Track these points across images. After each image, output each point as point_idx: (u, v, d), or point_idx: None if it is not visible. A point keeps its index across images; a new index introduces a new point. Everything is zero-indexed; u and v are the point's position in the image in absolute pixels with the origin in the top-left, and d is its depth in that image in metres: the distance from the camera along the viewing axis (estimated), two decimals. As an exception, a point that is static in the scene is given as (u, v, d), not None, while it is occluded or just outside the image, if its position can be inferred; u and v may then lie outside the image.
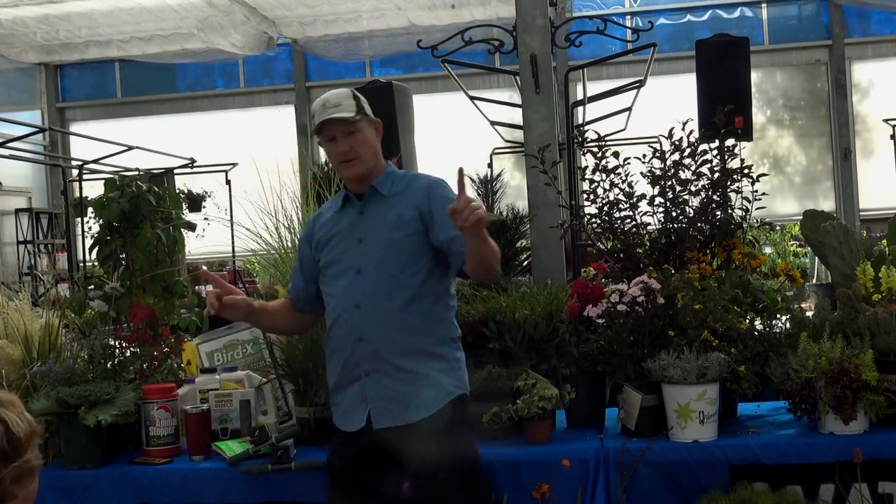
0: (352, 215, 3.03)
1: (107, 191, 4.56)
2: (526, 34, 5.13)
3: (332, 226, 3.06)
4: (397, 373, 2.89)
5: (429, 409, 2.88)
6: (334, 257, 3.01)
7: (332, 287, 3.02)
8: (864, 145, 12.57)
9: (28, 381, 3.49)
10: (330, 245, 3.04)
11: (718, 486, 3.06)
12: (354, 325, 2.93)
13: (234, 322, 4.05)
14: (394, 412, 2.90)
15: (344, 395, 2.99)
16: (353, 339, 2.93)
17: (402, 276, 2.91)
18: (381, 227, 2.97)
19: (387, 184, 3.03)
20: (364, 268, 2.94)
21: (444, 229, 2.87)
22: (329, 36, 12.74)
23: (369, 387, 2.92)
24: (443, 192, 2.97)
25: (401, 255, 2.92)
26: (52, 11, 11.56)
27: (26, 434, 1.79)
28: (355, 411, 2.95)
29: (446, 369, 2.95)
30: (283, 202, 3.90)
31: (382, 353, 2.90)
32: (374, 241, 2.96)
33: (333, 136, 2.99)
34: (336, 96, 3.03)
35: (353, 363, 2.95)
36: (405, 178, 3.06)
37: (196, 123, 13.73)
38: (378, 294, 2.91)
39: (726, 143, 3.88)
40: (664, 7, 12.74)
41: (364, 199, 3.03)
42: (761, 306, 3.56)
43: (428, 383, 2.90)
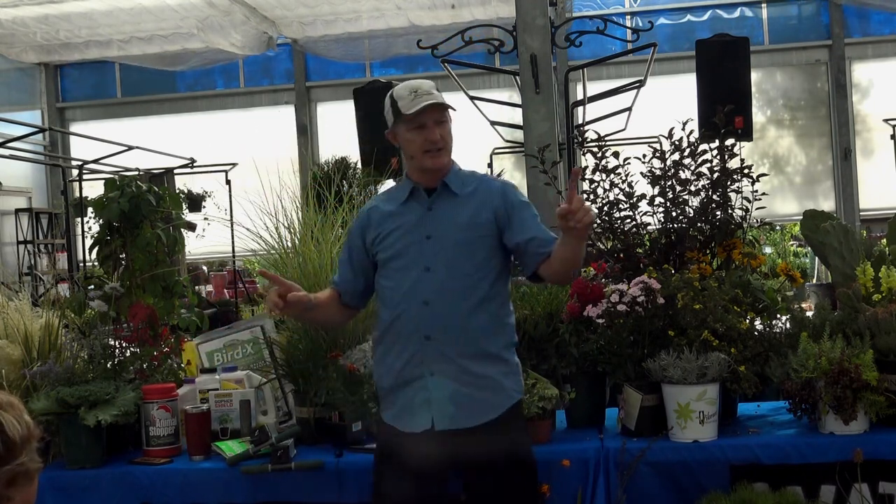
0: (418, 210, 2.95)
1: (107, 191, 4.56)
2: (526, 34, 5.13)
3: (394, 219, 2.97)
4: (463, 375, 2.84)
5: (493, 412, 2.85)
6: (397, 252, 2.93)
7: (394, 282, 2.93)
8: (864, 145, 12.57)
9: (28, 381, 3.49)
10: (391, 238, 2.95)
11: (718, 486, 3.06)
12: (422, 322, 2.85)
13: (235, 323, 4.06)
14: (458, 415, 2.84)
15: (403, 394, 2.90)
16: (418, 336, 2.86)
17: (474, 277, 2.86)
18: (452, 225, 2.90)
19: (457, 182, 2.97)
20: (433, 265, 2.87)
21: (522, 231, 2.87)
22: (329, 36, 12.73)
23: (434, 387, 2.85)
24: (517, 195, 2.96)
25: (474, 255, 2.88)
26: (52, 11, 11.55)
27: (22, 437, 1.77)
28: (417, 411, 2.87)
29: (509, 373, 2.91)
30: (283, 202, 3.91)
31: (450, 354, 2.84)
32: (443, 238, 2.89)
33: (424, 124, 2.89)
34: (427, 84, 2.94)
35: (416, 361, 2.87)
36: (474, 178, 3.01)
37: (196, 123, 13.72)
38: (449, 293, 2.85)
39: (726, 143, 3.89)
40: (664, 7, 12.74)
41: (434, 195, 2.96)
42: (761, 306, 3.56)
43: (493, 387, 2.85)
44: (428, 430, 2.85)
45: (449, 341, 2.84)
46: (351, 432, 3.37)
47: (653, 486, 3.13)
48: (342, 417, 3.37)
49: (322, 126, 13.63)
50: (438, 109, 2.89)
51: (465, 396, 2.83)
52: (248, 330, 3.95)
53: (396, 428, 2.92)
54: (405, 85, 2.95)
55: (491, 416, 2.84)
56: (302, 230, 3.88)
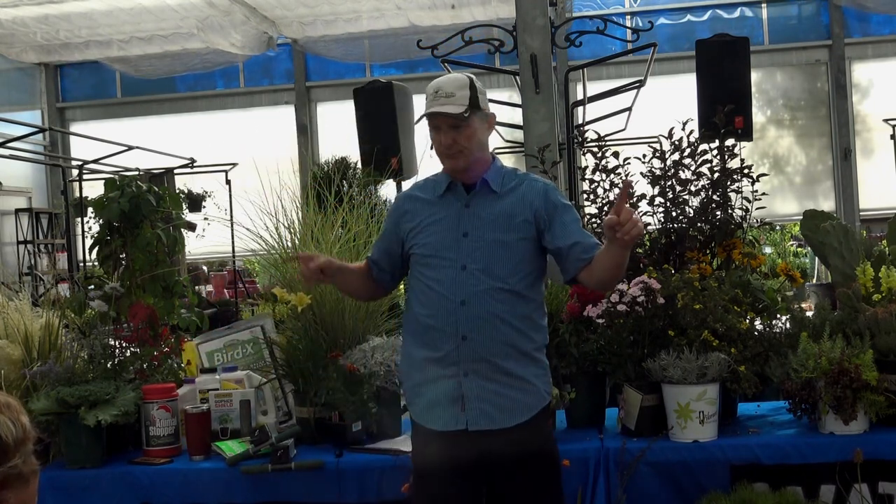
0: (456, 206, 2.91)
1: (107, 191, 4.55)
2: (526, 34, 5.13)
3: (431, 213, 2.94)
4: (498, 375, 2.82)
5: (526, 413, 2.84)
6: (434, 248, 2.90)
7: (429, 279, 2.89)
8: (864, 145, 12.57)
9: (28, 381, 3.49)
10: (428, 233, 2.92)
11: (718, 486, 3.06)
12: (458, 322, 2.82)
13: (235, 323, 4.06)
14: (492, 415, 2.82)
15: (432, 390, 2.86)
16: (455, 336, 2.82)
17: (511, 279, 2.83)
18: (490, 224, 2.87)
19: (497, 179, 2.93)
20: (470, 265, 2.84)
21: (564, 235, 2.84)
22: (329, 36, 12.73)
23: (468, 387, 2.82)
24: (560, 197, 2.93)
25: (512, 256, 2.84)
26: (52, 11, 11.55)
27: (16, 439, 1.75)
28: (447, 410, 2.84)
29: (541, 374, 2.90)
30: (283, 202, 3.91)
31: (485, 355, 2.82)
32: (481, 237, 2.86)
33: (437, 126, 2.88)
34: (450, 84, 2.88)
35: (450, 360, 2.84)
36: (515, 177, 2.96)
37: (196, 123, 13.72)
38: (484, 294, 2.82)
39: (726, 143, 3.89)
40: (664, 7, 12.73)
41: (472, 192, 2.92)
42: (761, 306, 3.56)
43: (527, 388, 2.84)
44: (462, 430, 2.83)
45: (485, 342, 2.82)
46: (351, 432, 3.37)
47: (653, 486, 3.13)
48: (342, 417, 3.37)
49: (322, 126, 13.63)
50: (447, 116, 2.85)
51: (500, 397, 2.82)
52: (248, 330, 3.95)
53: (426, 427, 2.89)
54: (434, 83, 2.91)
55: (525, 416, 2.83)
56: (302, 230, 3.88)
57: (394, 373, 3.47)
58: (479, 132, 2.92)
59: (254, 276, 12.69)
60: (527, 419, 2.83)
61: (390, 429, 3.50)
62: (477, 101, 2.89)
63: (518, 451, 2.81)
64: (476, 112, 2.89)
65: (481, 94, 2.92)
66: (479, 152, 2.92)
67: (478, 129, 2.91)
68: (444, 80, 2.91)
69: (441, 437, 2.85)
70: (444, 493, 2.85)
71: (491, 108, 3.03)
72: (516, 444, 2.81)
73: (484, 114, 2.94)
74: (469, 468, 2.84)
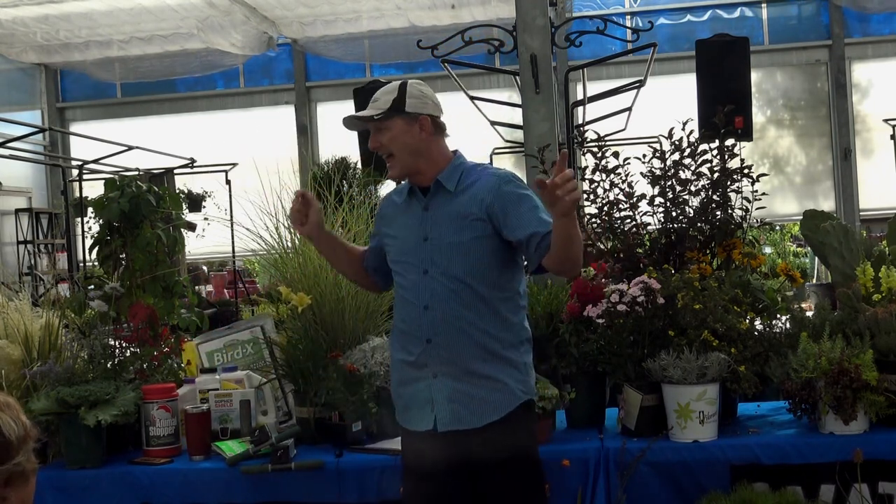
0: (417, 210, 2.92)
1: (107, 191, 4.56)
2: (526, 34, 5.13)
3: (398, 217, 2.97)
4: (466, 376, 2.81)
5: (496, 413, 2.82)
6: (400, 252, 2.93)
7: (400, 284, 2.94)
8: (864, 145, 12.57)
9: (28, 381, 3.49)
10: (395, 237, 2.96)
11: (718, 486, 3.06)
12: (423, 326, 2.84)
13: (235, 323, 4.06)
14: (461, 416, 2.82)
15: (406, 392, 2.91)
16: (421, 340, 2.85)
17: (469, 280, 2.81)
18: (446, 226, 2.86)
19: (453, 178, 2.89)
20: (430, 269, 2.84)
21: (519, 227, 2.78)
22: (329, 36, 12.73)
23: (437, 389, 2.84)
24: (514, 188, 2.84)
25: (468, 257, 2.82)
26: (52, 11, 11.55)
27: (18, 437, 1.77)
28: (420, 411, 2.87)
29: (514, 373, 2.86)
30: (283, 202, 3.91)
31: (450, 357, 2.83)
32: (439, 240, 2.85)
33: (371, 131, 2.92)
34: (381, 91, 2.91)
35: (420, 363, 2.86)
36: (474, 172, 2.91)
37: (196, 123, 13.72)
38: (446, 297, 2.82)
39: (726, 143, 3.89)
40: (664, 7, 12.73)
41: (429, 195, 2.90)
42: (761, 306, 3.56)
43: (496, 387, 2.82)
44: (431, 430, 2.85)
45: (449, 345, 2.83)
46: (351, 432, 3.37)
47: (653, 486, 3.13)
48: (342, 417, 3.37)
49: (322, 126, 13.63)
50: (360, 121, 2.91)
51: (467, 397, 2.82)
52: (248, 330, 3.95)
53: (404, 427, 2.95)
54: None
55: (494, 416, 2.82)
56: (302, 230, 3.87)
57: (394, 373, 3.47)
58: (402, 135, 2.87)
59: (254, 276, 12.69)
60: (498, 418, 2.82)
61: (390, 429, 3.49)
62: (402, 104, 2.86)
63: (494, 451, 2.81)
64: (399, 115, 2.86)
65: (413, 98, 2.88)
66: (412, 158, 2.89)
67: (401, 131, 2.87)
68: (385, 87, 2.93)
69: (418, 437, 2.90)
70: (426, 493, 2.88)
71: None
72: (491, 444, 2.80)
73: (411, 116, 2.87)
74: (447, 468, 2.85)
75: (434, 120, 2.93)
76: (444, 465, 2.84)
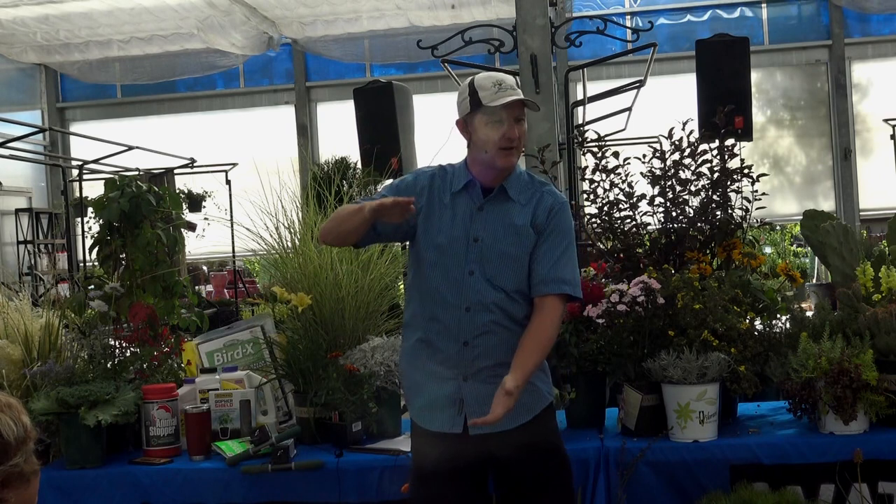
0: (469, 206, 2.85)
1: (107, 191, 4.55)
2: (526, 34, 5.13)
3: (445, 207, 2.86)
4: (499, 380, 2.75)
5: (528, 414, 2.83)
6: (441, 247, 2.83)
7: (435, 279, 2.84)
8: (864, 145, 12.57)
9: (28, 381, 3.49)
10: (438, 229, 2.84)
11: (718, 486, 3.06)
12: (463, 327, 2.80)
13: (235, 323, 4.06)
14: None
15: (430, 391, 2.85)
16: (458, 341, 2.81)
17: (513, 290, 2.81)
18: (500, 233, 2.82)
19: (517, 187, 2.87)
20: (477, 271, 2.80)
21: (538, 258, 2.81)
22: (329, 36, 12.73)
23: (468, 391, 2.81)
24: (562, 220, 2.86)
25: (517, 270, 2.81)
26: (52, 11, 11.55)
27: (17, 438, 1.76)
28: (444, 412, 2.83)
29: (542, 376, 2.88)
30: (283, 202, 3.91)
31: (487, 362, 2.81)
32: (490, 245, 2.81)
33: (503, 119, 2.78)
34: (510, 80, 2.82)
35: (451, 363, 2.82)
36: (532, 186, 2.89)
37: (196, 123, 13.73)
38: (490, 303, 2.79)
39: (726, 143, 3.89)
40: (664, 7, 12.73)
41: (490, 197, 2.85)
42: (761, 306, 3.56)
43: (527, 390, 2.79)
44: (460, 433, 2.82)
45: (487, 349, 2.81)
46: (351, 432, 3.37)
47: (653, 486, 3.13)
48: (342, 417, 3.37)
49: (322, 126, 13.63)
50: (520, 106, 2.80)
51: None
52: (248, 330, 3.94)
53: (424, 427, 2.88)
54: (488, 75, 2.83)
55: (527, 418, 2.83)
56: (302, 230, 3.88)
57: (394, 373, 3.47)
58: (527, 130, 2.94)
59: (254, 276, 12.69)
60: (528, 420, 2.83)
61: (390, 429, 3.50)
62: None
63: (523, 449, 2.81)
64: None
65: None
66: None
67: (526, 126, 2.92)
68: (500, 74, 2.85)
69: (439, 437, 2.84)
70: (442, 494, 2.84)
71: None
72: (520, 444, 2.81)
73: None
74: (468, 469, 2.84)
75: None
76: (467, 467, 2.82)
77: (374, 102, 6.67)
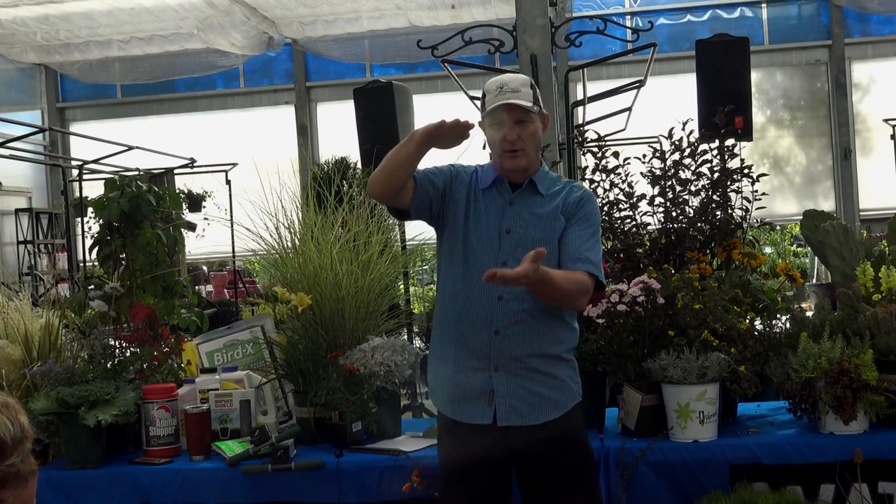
0: (499, 202, 2.93)
1: (107, 191, 4.55)
2: (526, 34, 5.13)
3: (476, 200, 2.94)
4: (528, 372, 2.83)
5: (557, 411, 2.85)
6: (472, 242, 2.89)
7: (469, 270, 2.88)
8: (864, 145, 12.57)
9: (28, 381, 3.49)
10: (468, 224, 2.91)
11: (718, 486, 3.06)
12: (494, 316, 2.83)
13: (235, 323, 4.06)
14: (522, 412, 2.83)
15: (461, 382, 2.87)
16: (488, 330, 2.84)
17: None
18: (532, 223, 2.89)
19: (545, 181, 2.96)
20: (510, 261, 2.81)
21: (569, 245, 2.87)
22: (329, 36, 12.73)
23: (498, 382, 2.84)
24: (589, 208, 2.93)
25: (552, 256, 2.83)
26: (52, 11, 11.54)
27: (14, 438, 1.75)
28: (475, 403, 2.85)
29: (572, 374, 2.92)
30: (283, 202, 3.91)
31: (517, 352, 2.83)
32: (523, 235, 2.87)
33: (502, 121, 2.87)
34: (515, 81, 2.89)
35: (481, 354, 2.85)
36: (559, 181, 2.99)
37: (196, 123, 13.72)
38: (524, 291, 2.79)
39: (726, 143, 3.89)
40: (664, 7, 12.73)
41: (519, 191, 2.93)
42: (761, 306, 3.56)
43: (558, 386, 2.86)
44: (489, 424, 2.84)
45: (519, 339, 2.83)
46: (351, 432, 3.37)
47: (653, 486, 3.13)
48: (342, 417, 3.37)
49: (322, 126, 13.62)
50: (518, 109, 2.85)
51: (529, 393, 2.83)
52: (248, 330, 3.95)
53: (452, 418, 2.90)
54: (497, 78, 2.90)
55: (556, 414, 2.85)
56: (302, 230, 3.88)
57: (394, 373, 3.47)
58: (538, 133, 2.93)
59: (254, 276, 12.70)
60: (557, 417, 2.85)
61: (390, 429, 3.51)
62: (538, 99, 2.91)
63: (551, 444, 2.82)
64: (539, 110, 2.90)
65: (539, 95, 2.93)
66: (535, 154, 2.94)
67: (537, 129, 2.92)
68: (508, 77, 2.91)
69: (468, 429, 2.86)
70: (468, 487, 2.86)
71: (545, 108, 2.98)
72: (548, 439, 2.82)
73: (542, 114, 2.94)
74: (496, 462, 2.86)
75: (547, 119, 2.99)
76: (496, 459, 2.84)
77: (374, 102, 6.65)
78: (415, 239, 4.42)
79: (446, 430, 2.95)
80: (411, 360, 3.56)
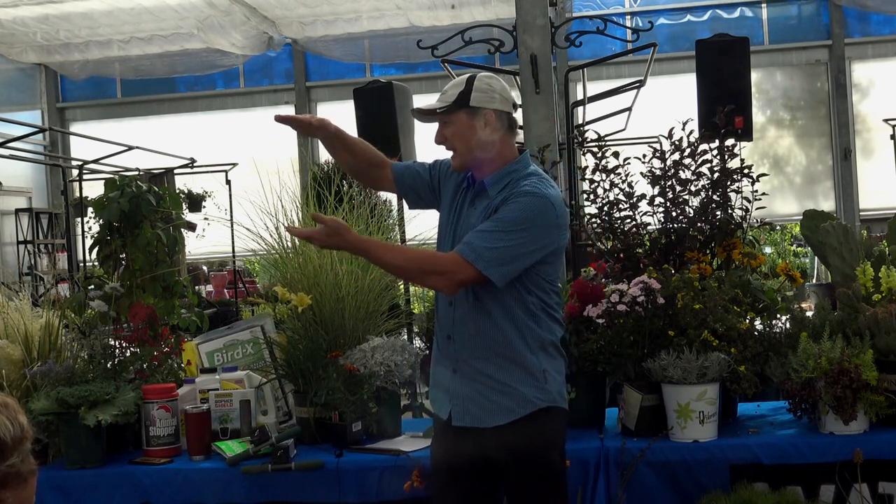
0: (461, 201, 2.95)
1: (107, 191, 4.55)
2: (526, 34, 5.13)
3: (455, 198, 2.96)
4: (479, 376, 2.83)
5: (506, 416, 2.81)
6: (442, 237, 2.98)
7: None
8: (864, 145, 12.57)
9: (28, 381, 3.49)
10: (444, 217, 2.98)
11: (718, 486, 3.06)
12: (446, 322, 2.91)
13: (235, 323, 4.06)
14: (471, 413, 2.84)
15: (435, 373, 2.98)
16: (444, 335, 2.92)
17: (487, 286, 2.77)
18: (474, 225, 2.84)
19: (499, 184, 2.85)
20: None
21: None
22: (329, 36, 12.73)
23: (456, 383, 2.88)
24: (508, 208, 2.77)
25: None
26: (52, 11, 11.54)
27: (14, 438, 1.75)
28: (441, 396, 2.94)
29: (530, 380, 2.81)
30: (283, 202, 3.91)
31: (465, 356, 2.85)
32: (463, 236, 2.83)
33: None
34: (451, 83, 2.88)
35: (444, 355, 2.93)
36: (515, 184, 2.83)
37: (196, 123, 13.72)
38: (465, 297, 2.82)
39: (726, 143, 3.89)
40: (664, 7, 12.73)
41: (475, 190, 2.91)
42: (761, 306, 3.56)
43: (507, 392, 2.80)
44: (447, 420, 2.91)
45: (466, 343, 2.85)
46: (351, 432, 3.37)
47: (653, 486, 3.13)
48: (342, 417, 3.37)
49: (322, 126, 13.60)
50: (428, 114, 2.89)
51: (481, 396, 2.83)
52: (248, 330, 3.95)
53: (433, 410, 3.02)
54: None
55: (505, 419, 2.81)
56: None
57: (394, 373, 3.47)
58: (465, 129, 2.83)
59: (254, 276, 12.69)
60: (507, 422, 2.81)
61: (390, 429, 3.51)
62: (467, 97, 2.81)
63: (508, 451, 2.81)
64: (463, 109, 2.82)
65: (479, 92, 2.82)
66: (477, 151, 2.85)
67: (464, 126, 2.83)
68: (459, 79, 2.90)
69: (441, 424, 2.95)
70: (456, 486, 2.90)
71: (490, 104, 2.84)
72: (506, 445, 2.81)
73: (475, 110, 2.82)
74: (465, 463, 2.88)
75: (500, 115, 2.86)
76: (461, 459, 2.87)
77: (374, 102, 6.65)
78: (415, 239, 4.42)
79: (435, 430, 3.05)
80: (411, 360, 3.56)
